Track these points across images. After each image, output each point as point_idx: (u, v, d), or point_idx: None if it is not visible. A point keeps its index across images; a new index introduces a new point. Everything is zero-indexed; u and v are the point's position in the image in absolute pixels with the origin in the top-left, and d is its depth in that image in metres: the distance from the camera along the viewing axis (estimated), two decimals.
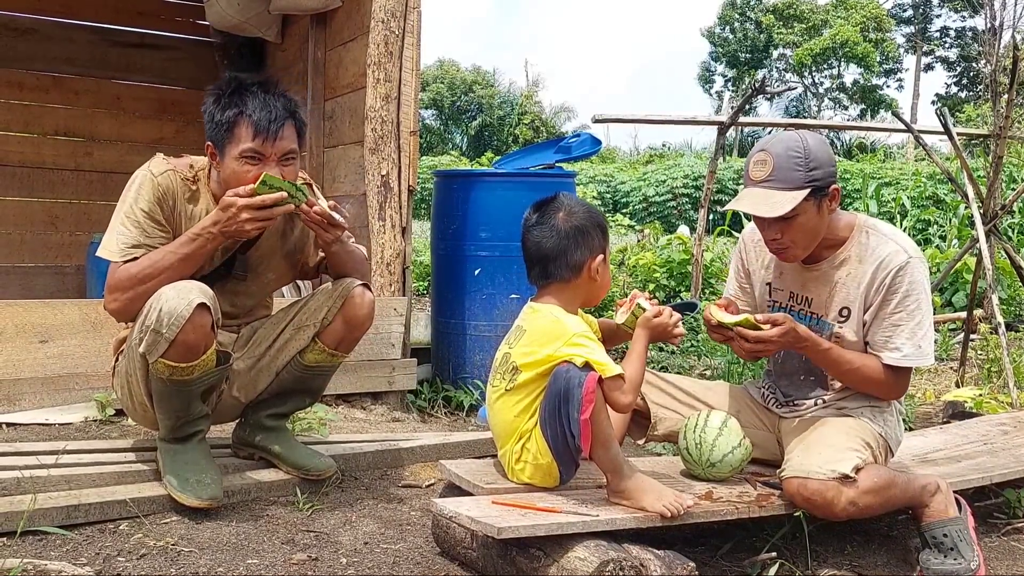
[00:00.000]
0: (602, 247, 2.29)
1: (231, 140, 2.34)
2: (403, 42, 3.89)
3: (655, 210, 19.98)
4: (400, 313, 3.86)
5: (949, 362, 5.61)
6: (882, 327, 2.37)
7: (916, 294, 2.34)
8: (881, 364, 2.38)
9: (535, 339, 2.22)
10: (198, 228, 2.33)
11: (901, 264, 2.33)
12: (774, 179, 2.28)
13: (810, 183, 2.27)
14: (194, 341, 2.25)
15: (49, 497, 2.26)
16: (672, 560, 1.97)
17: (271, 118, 2.32)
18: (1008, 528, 2.69)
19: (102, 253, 2.35)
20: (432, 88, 41.33)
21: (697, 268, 6.47)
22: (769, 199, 2.27)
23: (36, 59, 5.67)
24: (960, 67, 42.25)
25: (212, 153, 2.40)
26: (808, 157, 2.28)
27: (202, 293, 2.25)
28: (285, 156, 2.37)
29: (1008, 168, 10.75)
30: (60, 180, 5.78)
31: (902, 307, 2.34)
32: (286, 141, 2.37)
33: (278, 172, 2.34)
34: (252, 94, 2.34)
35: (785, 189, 2.27)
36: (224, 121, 2.33)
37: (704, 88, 47.17)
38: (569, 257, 2.26)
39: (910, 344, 2.34)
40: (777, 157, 2.28)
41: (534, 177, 4.40)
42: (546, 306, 2.28)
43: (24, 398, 3.20)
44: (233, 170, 2.35)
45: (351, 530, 2.35)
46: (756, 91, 6.44)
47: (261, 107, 2.32)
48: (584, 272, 2.27)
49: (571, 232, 2.26)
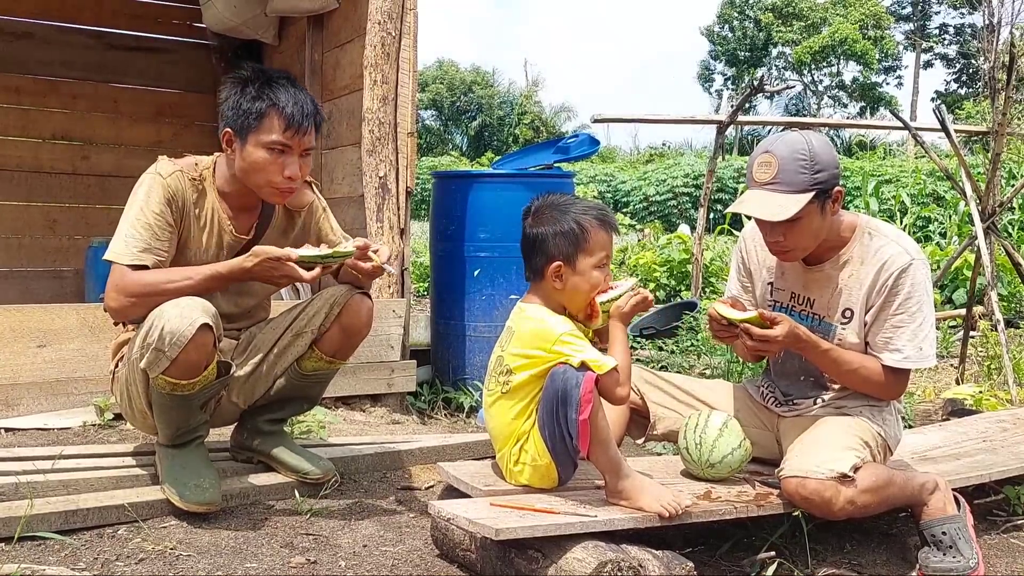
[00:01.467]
0: (564, 254, 2.22)
1: (259, 129, 2.36)
2: (400, 44, 3.89)
3: (655, 209, 19.99)
4: (399, 315, 3.86)
5: (949, 359, 5.61)
6: (883, 328, 2.36)
7: (918, 296, 2.33)
8: (881, 365, 2.37)
9: (524, 341, 2.22)
10: (226, 269, 2.33)
11: (903, 266, 2.32)
12: (779, 182, 2.26)
13: (815, 186, 2.26)
14: (196, 360, 2.25)
15: (47, 502, 2.26)
16: (670, 560, 1.97)
17: (303, 113, 2.37)
18: (1008, 525, 2.68)
19: (111, 256, 2.33)
20: (431, 88, 41.35)
21: (697, 267, 6.47)
22: (774, 202, 2.26)
23: (33, 63, 5.66)
24: (959, 64, 42.27)
25: (230, 140, 2.41)
26: (813, 160, 2.26)
27: (205, 312, 2.24)
28: (307, 151, 2.43)
29: (1007, 165, 10.74)
30: (58, 184, 5.78)
31: (903, 309, 2.33)
32: (310, 137, 2.42)
33: (298, 165, 2.39)
34: (283, 87, 2.39)
35: (790, 192, 2.25)
36: (253, 110, 2.36)
37: (704, 87, 47.22)
38: (531, 261, 2.28)
39: (911, 346, 2.33)
40: (782, 159, 2.27)
41: (532, 177, 4.40)
42: (531, 306, 2.28)
43: (22, 403, 3.20)
44: (256, 159, 2.37)
45: (350, 533, 2.35)
46: (755, 90, 6.45)
47: (293, 102, 2.37)
48: (546, 278, 2.25)
49: (532, 236, 2.27)
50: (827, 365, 2.40)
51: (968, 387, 4.33)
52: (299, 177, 2.41)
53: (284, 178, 2.38)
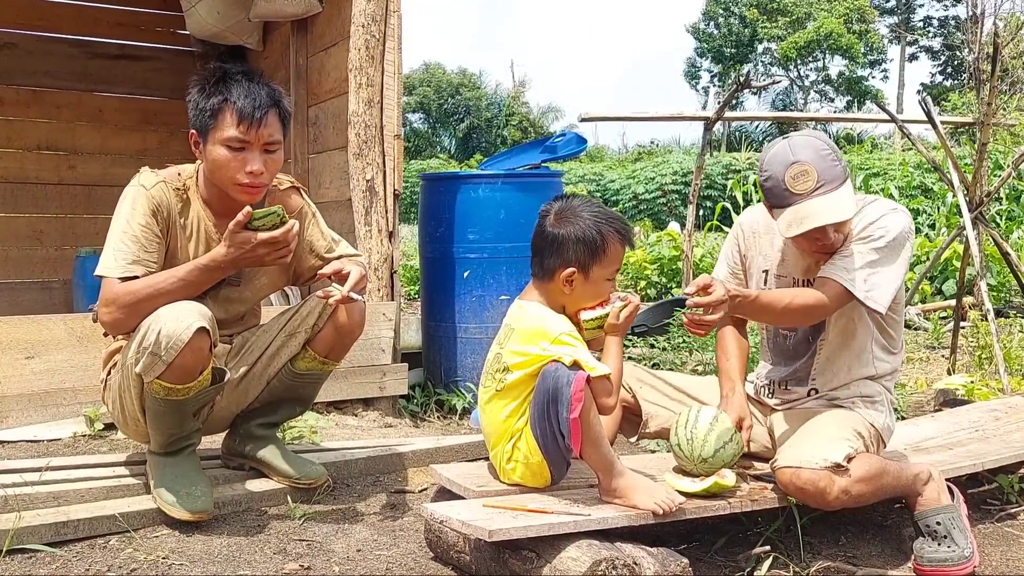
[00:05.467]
0: (580, 262, 2.22)
1: (215, 127, 2.34)
2: (384, 46, 3.88)
3: (645, 207, 19.99)
4: (389, 318, 3.85)
5: (940, 350, 5.63)
6: (845, 249, 2.34)
7: (887, 240, 2.33)
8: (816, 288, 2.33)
9: (523, 338, 2.21)
10: (208, 259, 2.32)
11: (884, 212, 2.37)
12: (824, 182, 2.27)
13: (846, 172, 2.32)
14: (192, 364, 2.24)
15: (37, 514, 2.24)
16: (665, 557, 1.97)
17: (255, 105, 2.33)
18: (1002, 514, 2.69)
19: (102, 271, 2.31)
20: (419, 91, 41.29)
21: (688, 264, 6.47)
22: (835, 203, 2.26)
23: (15, 73, 5.63)
24: (944, 56, 42.42)
25: (196, 141, 2.39)
26: (833, 151, 2.31)
27: (201, 316, 2.23)
28: (268, 144, 2.37)
29: (994, 155, 10.77)
30: (44, 195, 5.75)
31: (871, 244, 2.33)
32: (270, 129, 2.37)
33: (261, 160, 2.35)
34: (236, 82, 2.35)
35: (837, 187, 2.28)
36: (208, 108, 2.33)
37: (691, 84, 47.26)
38: (544, 259, 2.26)
39: (859, 276, 2.30)
40: (815, 162, 2.28)
41: (520, 178, 4.39)
42: (531, 303, 2.28)
43: (11, 415, 3.17)
44: (216, 156, 2.35)
45: (344, 538, 2.34)
46: (741, 86, 6.45)
47: (245, 94, 2.33)
48: (556, 280, 2.25)
49: (550, 236, 2.25)
50: (763, 310, 2.34)
51: (960, 377, 4.34)
52: (263, 172, 2.37)
53: (247, 174, 2.35)
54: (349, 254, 2.67)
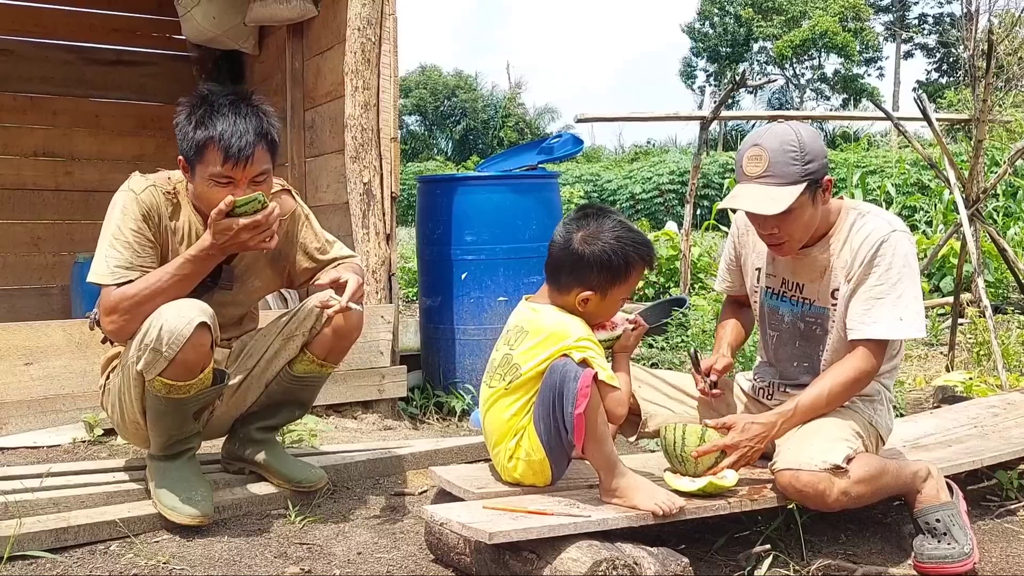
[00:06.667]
0: (598, 286, 2.21)
1: (201, 162, 2.32)
2: (380, 49, 3.89)
3: (642, 207, 20.00)
4: (388, 320, 3.85)
5: (939, 347, 5.63)
6: (861, 300, 2.32)
7: (899, 267, 2.30)
8: (848, 357, 2.32)
9: (541, 341, 2.19)
10: (195, 250, 2.32)
11: (884, 236, 2.31)
12: (770, 174, 2.25)
13: (806, 177, 2.25)
14: (194, 360, 2.25)
15: (38, 520, 2.24)
16: (666, 557, 1.97)
17: (241, 145, 2.28)
18: (1001, 510, 2.69)
19: (93, 279, 2.31)
20: (415, 94, 41.27)
21: (685, 263, 6.48)
22: (766, 195, 2.24)
23: (11, 80, 5.63)
24: (939, 53, 42.47)
25: (184, 167, 2.39)
26: (803, 150, 2.25)
27: (202, 312, 2.24)
28: (256, 177, 2.35)
29: (990, 152, 10.78)
30: (41, 201, 5.74)
31: (883, 280, 2.30)
32: (256, 165, 2.33)
33: (249, 192, 2.32)
34: (223, 115, 2.29)
35: (782, 184, 2.24)
36: (195, 141, 2.30)
37: (687, 84, 47.25)
38: (561, 274, 2.24)
39: (890, 317, 2.28)
40: (772, 152, 2.25)
41: (516, 179, 4.40)
42: (545, 307, 2.27)
43: (10, 421, 3.17)
44: (202, 191, 2.35)
45: (344, 541, 2.34)
46: (737, 85, 6.46)
47: (231, 131, 2.27)
48: (571, 296, 2.24)
49: (575, 252, 2.21)
50: (809, 412, 2.33)
51: (958, 374, 4.34)
52: None
53: None
54: (344, 255, 2.67)
